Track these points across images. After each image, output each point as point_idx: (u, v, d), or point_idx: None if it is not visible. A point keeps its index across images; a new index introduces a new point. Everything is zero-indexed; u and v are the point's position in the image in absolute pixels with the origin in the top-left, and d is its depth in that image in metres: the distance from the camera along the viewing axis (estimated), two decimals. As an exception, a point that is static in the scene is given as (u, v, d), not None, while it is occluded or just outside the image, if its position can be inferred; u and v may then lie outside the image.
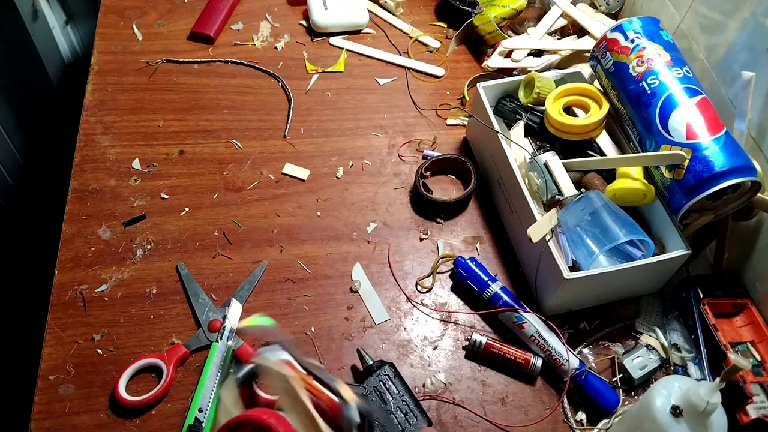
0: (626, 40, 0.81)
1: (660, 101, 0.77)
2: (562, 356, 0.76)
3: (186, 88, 1.01)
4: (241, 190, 0.90)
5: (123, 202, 0.87)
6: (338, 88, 1.04)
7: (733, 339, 0.77)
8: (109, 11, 1.09)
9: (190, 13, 1.10)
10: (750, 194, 0.73)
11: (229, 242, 0.85)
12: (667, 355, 0.79)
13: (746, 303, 0.79)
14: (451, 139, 1.00)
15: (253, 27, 1.10)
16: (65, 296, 0.78)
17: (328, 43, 1.10)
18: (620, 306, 0.84)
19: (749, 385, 0.71)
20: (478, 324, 0.82)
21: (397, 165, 0.96)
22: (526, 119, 0.90)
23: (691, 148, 0.73)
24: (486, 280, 0.81)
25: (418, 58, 1.09)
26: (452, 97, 1.05)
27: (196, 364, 0.75)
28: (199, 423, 0.69)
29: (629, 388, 0.78)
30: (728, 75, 0.83)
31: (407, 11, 1.16)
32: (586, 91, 0.87)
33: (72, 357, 0.74)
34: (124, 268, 0.81)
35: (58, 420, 0.70)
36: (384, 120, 1.01)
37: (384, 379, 0.72)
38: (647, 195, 0.79)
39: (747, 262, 0.81)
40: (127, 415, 0.71)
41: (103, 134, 0.93)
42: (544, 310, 0.81)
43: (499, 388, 0.77)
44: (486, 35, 1.07)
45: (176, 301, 0.79)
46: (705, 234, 0.82)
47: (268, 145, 0.95)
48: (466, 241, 0.89)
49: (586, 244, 0.74)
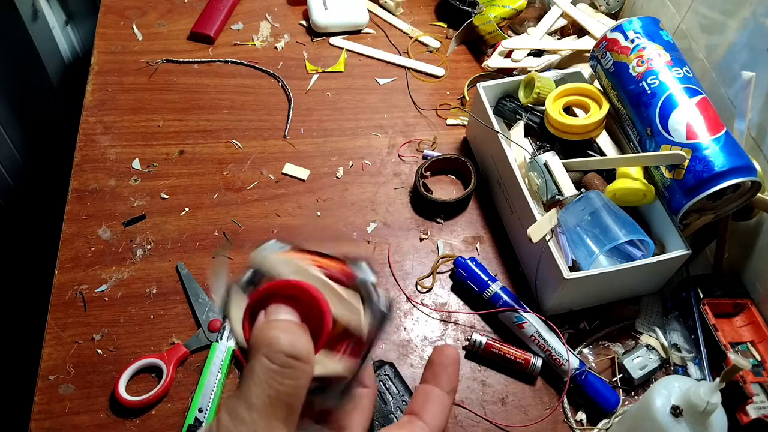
0: (626, 40, 0.81)
1: (660, 101, 0.77)
2: (562, 356, 0.76)
3: (186, 88, 1.01)
4: (241, 190, 0.90)
5: (123, 202, 0.87)
6: (338, 88, 1.04)
7: (733, 339, 0.77)
8: (109, 11, 1.09)
9: (190, 13, 1.10)
10: (750, 194, 0.73)
11: (230, 242, 0.85)
12: (667, 355, 0.79)
13: (746, 303, 0.79)
14: (451, 139, 1.00)
15: (253, 27, 1.10)
16: (65, 296, 0.78)
17: (328, 43, 1.10)
18: (620, 306, 0.84)
19: (749, 385, 0.71)
20: (478, 324, 0.82)
21: (397, 165, 0.96)
22: (526, 119, 0.90)
23: (691, 148, 0.73)
24: (486, 280, 0.81)
25: (418, 58, 1.09)
26: (452, 97, 1.05)
27: (196, 364, 0.75)
28: (199, 423, 0.69)
29: (629, 388, 0.78)
30: (728, 75, 0.83)
31: (407, 11, 1.16)
32: (586, 91, 0.87)
33: (72, 357, 0.74)
34: (124, 268, 0.81)
35: (58, 420, 0.70)
36: (384, 120, 1.01)
37: (384, 379, 0.72)
38: (647, 195, 0.79)
39: (747, 262, 0.81)
40: (127, 415, 0.71)
41: (103, 134, 0.94)
42: (544, 310, 0.81)
43: (499, 388, 0.77)
44: (486, 35, 1.07)
45: (176, 301, 0.79)
46: (705, 234, 0.82)
47: (268, 145, 0.95)
48: (466, 241, 0.89)
49: (586, 244, 0.74)
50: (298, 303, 0.31)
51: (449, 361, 0.37)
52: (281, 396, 0.28)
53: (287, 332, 0.29)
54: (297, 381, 0.28)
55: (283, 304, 0.31)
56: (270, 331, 0.29)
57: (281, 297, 0.31)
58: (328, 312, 0.31)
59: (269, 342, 0.28)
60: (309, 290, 0.31)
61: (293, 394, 0.28)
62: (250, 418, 0.27)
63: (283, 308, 0.31)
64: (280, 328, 0.29)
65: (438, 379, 0.37)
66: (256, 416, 0.27)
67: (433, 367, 0.37)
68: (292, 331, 0.29)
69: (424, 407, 0.36)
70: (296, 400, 0.28)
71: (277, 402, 0.28)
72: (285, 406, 0.28)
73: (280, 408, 0.28)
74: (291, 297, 0.31)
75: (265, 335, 0.29)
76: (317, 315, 0.31)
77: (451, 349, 0.38)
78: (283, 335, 0.29)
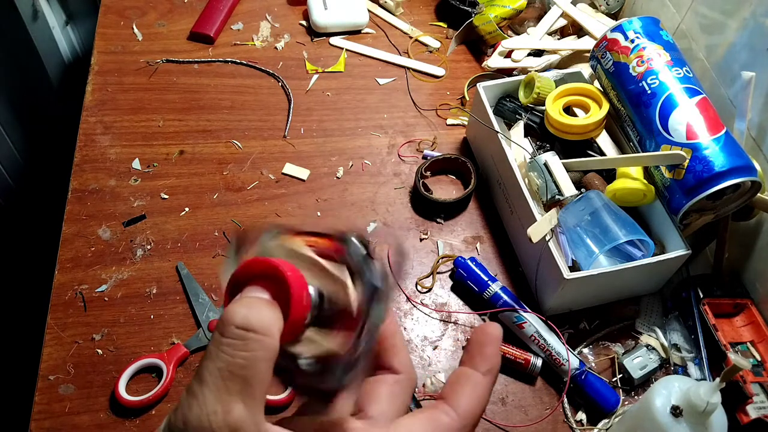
0: (626, 40, 0.81)
1: (660, 101, 0.77)
2: (562, 356, 0.76)
3: (186, 88, 1.01)
4: (241, 190, 0.90)
5: (123, 202, 0.87)
6: (338, 88, 1.04)
7: (733, 339, 0.77)
8: (109, 11, 1.09)
9: (190, 13, 1.10)
10: (750, 194, 0.73)
11: (229, 242, 0.85)
12: (667, 355, 0.79)
13: (746, 303, 0.79)
14: (451, 139, 1.00)
15: (253, 27, 1.10)
16: (65, 296, 0.78)
17: (328, 43, 1.10)
18: (620, 306, 0.84)
19: (749, 385, 0.71)
20: (478, 324, 0.82)
21: (397, 165, 0.96)
22: (526, 119, 0.90)
23: (691, 148, 0.73)
24: (486, 280, 0.81)
25: (418, 58, 1.09)
26: (452, 97, 1.05)
27: (196, 364, 0.75)
28: (199, 423, 0.69)
29: (629, 388, 0.78)
30: (728, 75, 0.83)
31: (407, 11, 1.16)
32: (586, 91, 0.87)
33: (72, 357, 0.74)
34: (124, 268, 0.81)
35: (58, 420, 0.70)
36: (384, 120, 1.01)
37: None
38: (647, 195, 0.79)
39: (747, 262, 0.81)
40: (127, 415, 0.71)
41: (103, 134, 0.93)
42: (544, 310, 0.81)
43: (499, 388, 0.77)
44: (486, 35, 1.07)
45: (176, 301, 0.79)
46: (705, 234, 0.82)
47: (268, 145, 0.95)
48: (466, 241, 0.89)
49: (586, 244, 0.74)
50: (274, 282, 0.31)
51: (488, 339, 0.34)
52: (234, 369, 0.27)
53: (244, 306, 0.28)
54: (252, 353, 0.27)
55: (258, 285, 0.31)
56: (229, 308, 0.28)
57: (259, 278, 0.31)
58: (295, 286, 0.30)
59: (224, 317, 0.28)
60: (277, 266, 0.30)
61: (247, 366, 0.27)
62: (200, 391, 0.27)
63: (255, 288, 0.30)
64: (239, 303, 0.29)
65: (473, 360, 0.34)
66: (206, 390, 0.27)
67: (470, 347, 0.34)
68: (249, 305, 0.29)
69: (453, 390, 0.33)
70: (253, 373, 0.27)
71: (229, 375, 0.27)
72: (239, 379, 0.27)
73: (234, 381, 0.27)
74: (267, 276, 0.31)
75: (229, 310, 0.28)
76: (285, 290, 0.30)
77: (493, 326, 0.34)
78: (239, 309, 0.28)
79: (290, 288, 0.30)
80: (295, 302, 0.30)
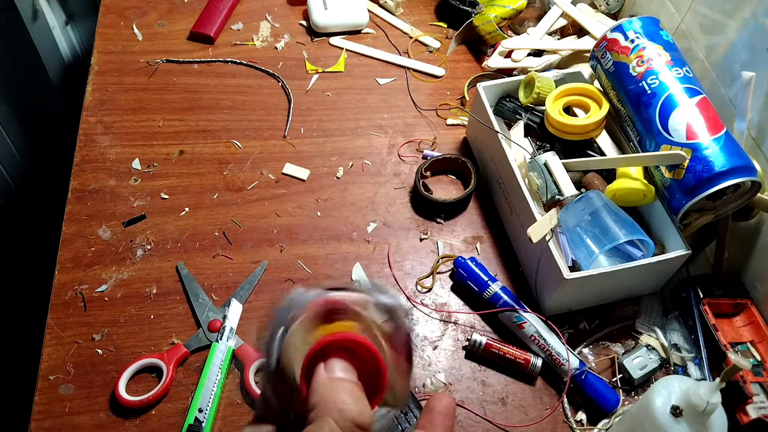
0: (626, 40, 0.81)
1: (660, 101, 0.77)
2: (562, 356, 0.76)
3: (186, 88, 1.01)
4: (241, 190, 0.90)
5: (123, 202, 0.87)
6: (338, 88, 1.04)
7: (733, 339, 0.77)
8: (109, 11, 1.09)
9: (190, 13, 1.10)
10: (750, 194, 0.73)
11: (229, 242, 0.85)
12: (667, 355, 0.79)
13: (746, 303, 0.79)
14: (451, 139, 1.00)
15: (253, 27, 1.10)
16: (65, 296, 0.78)
17: (328, 43, 1.10)
18: (620, 306, 0.84)
19: (749, 385, 0.71)
20: (478, 324, 0.82)
21: (397, 165, 0.96)
22: (526, 119, 0.90)
23: (691, 148, 0.73)
24: (486, 280, 0.81)
25: (418, 58, 1.09)
26: (452, 97, 1.05)
27: (196, 364, 0.75)
28: (199, 423, 0.69)
29: (629, 388, 0.78)
30: (728, 75, 0.83)
31: (407, 11, 1.16)
32: (586, 91, 0.87)
33: (72, 357, 0.74)
34: (124, 268, 0.81)
35: (58, 420, 0.70)
36: (384, 120, 1.01)
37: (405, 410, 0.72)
38: (647, 195, 0.79)
39: (747, 262, 0.81)
40: (127, 415, 0.71)
41: (103, 134, 0.94)
42: (544, 310, 0.81)
43: (499, 388, 0.77)
44: (486, 35, 1.07)
45: (176, 301, 0.80)
46: (705, 234, 0.82)
47: (268, 145, 0.95)
48: (466, 241, 0.89)
49: (586, 244, 0.74)
50: (353, 356, 0.33)
51: (447, 411, 0.37)
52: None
53: (356, 400, 0.31)
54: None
55: (342, 359, 0.33)
56: (338, 394, 0.31)
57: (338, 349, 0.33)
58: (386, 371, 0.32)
59: (340, 408, 0.30)
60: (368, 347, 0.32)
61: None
62: None
63: (341, 363, 0.33)
64: (347, 392, 0.31)
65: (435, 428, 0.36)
66: None
67: (431, 414, 0.37)
68: (358, 398, 0.31)
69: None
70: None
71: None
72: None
73: None
74: (347, 350, 0.33)
75: (334, 398, 0.31)
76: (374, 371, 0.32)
77: (449, 398, 0.37)
78: (353, 404, 0.31)
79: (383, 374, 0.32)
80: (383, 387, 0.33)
